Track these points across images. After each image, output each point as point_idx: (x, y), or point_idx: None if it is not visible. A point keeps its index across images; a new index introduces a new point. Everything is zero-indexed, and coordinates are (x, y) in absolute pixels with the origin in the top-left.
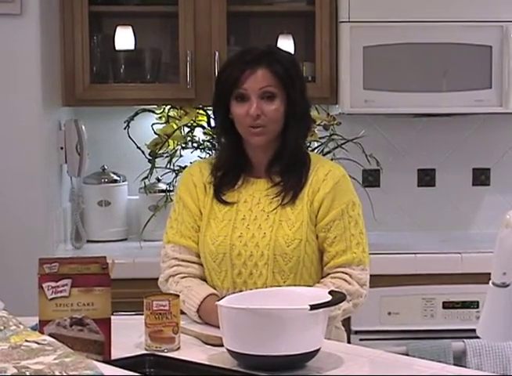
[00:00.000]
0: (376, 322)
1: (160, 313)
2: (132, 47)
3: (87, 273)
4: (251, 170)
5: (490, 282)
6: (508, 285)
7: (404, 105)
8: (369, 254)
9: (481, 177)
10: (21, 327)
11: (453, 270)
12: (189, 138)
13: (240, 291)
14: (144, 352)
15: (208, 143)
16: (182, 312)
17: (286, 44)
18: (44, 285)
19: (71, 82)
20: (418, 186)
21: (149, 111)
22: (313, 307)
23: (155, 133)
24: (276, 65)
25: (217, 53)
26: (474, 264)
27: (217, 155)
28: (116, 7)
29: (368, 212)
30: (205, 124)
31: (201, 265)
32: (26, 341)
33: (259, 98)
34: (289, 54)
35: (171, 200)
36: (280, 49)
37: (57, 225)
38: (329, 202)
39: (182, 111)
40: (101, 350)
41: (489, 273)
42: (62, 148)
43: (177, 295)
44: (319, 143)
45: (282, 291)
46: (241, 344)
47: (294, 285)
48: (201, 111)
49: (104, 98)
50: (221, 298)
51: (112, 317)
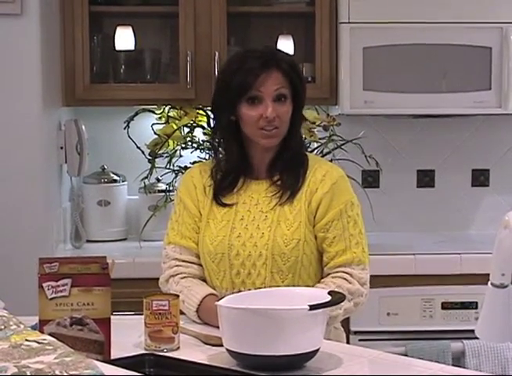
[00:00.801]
0: (375, 322)
1: (160, 313)
2: (132, 47)
3: (87, 273)
4: (252, 172)
5: (489, 283)
6: (507, 286)
7: (403, 106)
8: (368, 253)
9: (481, 178)
10: (21, 327)
11: (452, 271)
12: (189, 138)
13: (239, 291)
14: (144, 352)
15: (208, 144)
16: (182, 312)
17: (286, 44)
18: (44, 285)
19: (71, 82)
20: (417, 187)
21: (149, 111)
22: (312, 307)
23: (155, 133)
24: (285, 65)
25: (217, 54)
26: (473, 265)
27: (215, 157)
28: (116, 7)
29: (367, 213)
30: (205, 124)
31: (201, 265)
32: (26, 340)
33: (272, 100)
34: (290, 56)
35: (171, 200)
36: (280, 50)
37: (57, 224)
38: (327, 202)
39: (182, 111)
40: (101, 350)
41: (488, 274)
42: (62, 148)
43: (176, 295)
44: (319, 144)
45: (281, 291)
46: (241, 344)
47: (293, 285)
48: (201, 111)
49: (104, 98)
50: (220, 298)
51: (112, 317)
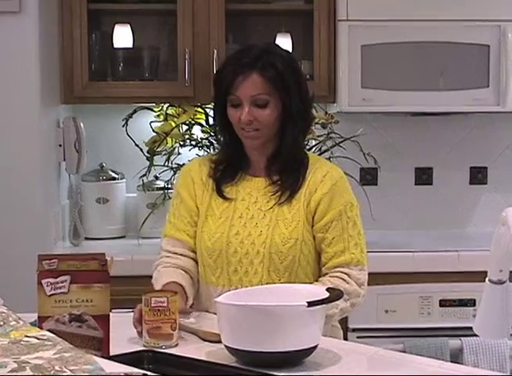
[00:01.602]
0: (373, 320)
1: (159, 310)
2: (131, 45)
3: (86, 270)
4: (249, 168)
5: (487, 279)
6: (504, 282)
7: (402, 103)
8: (367, 254)
9: (479, 176)
10: (21, 323)
11: (450, 268)
12: (187, 136)
13: (236, 289)
14: (142, 349)
15: (206, 141)
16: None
17: (284, 42)
18: (43, 281)
19: (70, 80)
20: (415, 185)
21: (147, 109)
22: (311, 304)
23: (153, 131)
24: (270, 70)
25: (215, 51)
26: (471, 262)
27: (218, 151)
28: (114, 5)
29: (365, 211)
30: (203, 122)
31: (191, 258)
32: (26, 336)
33: (251, 104)
34: (286, 53)
35: (169, 197)
36: (278, 48)
37: (55, 222)
38: (327, 203)
39: (181, 109)
40: (100, 346)
41: (486, 271)
42: (60, 145)
43: (175, 292)
44: (317, 142)
45: (280, 288)
46: (239, 340)
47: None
48: (199, 109)
49: (102, 95)
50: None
51: (111, 314)
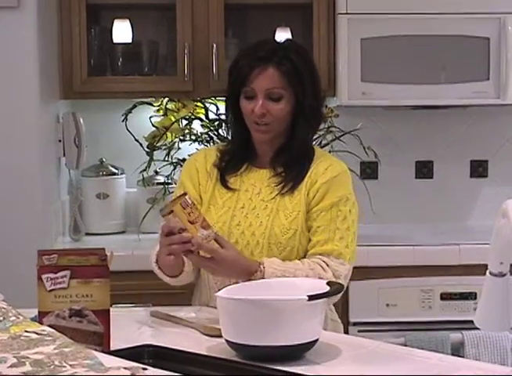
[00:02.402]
0: (374, 314)
1: (194, 204)
2: (130, 40)
3: (86, 265)
4: (256, 160)
5: (487, 272)
6: (505, 275)
7: (402, 97)
8: (354, 252)
9: (479, 169)
10: (21, 318)
11: (451, 262)
12: (187, 130)
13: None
14: (143, 344)
15: (206, 136)
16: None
17: (284, 36)
18: (43, 276)
19: (69, 75)
20: (416, 178)
21: (146, 104)
22: (311, 297)
23: (153, 126)
24: (286, 64)
25: (214, 46)
26: (472, 255)
27: (227, 142)
28: (113, 0)
29: (366, 204)
30: (203, 116)
31: None
32: (25, 331)
33: (265, 97)
34: (303, 49)
35: (170, 192)
36: (295, 44)
37: (55, 217)
38: (322, 193)
39: (180, 104)
40: (100, 341)
41: (487, 265)
42: (60, 141)
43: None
44: (317, 135)
45: (280, 282)
46: (240, 335)
47: None
48: (199, 104)
49: (102, 90)
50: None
51: (111, 309)
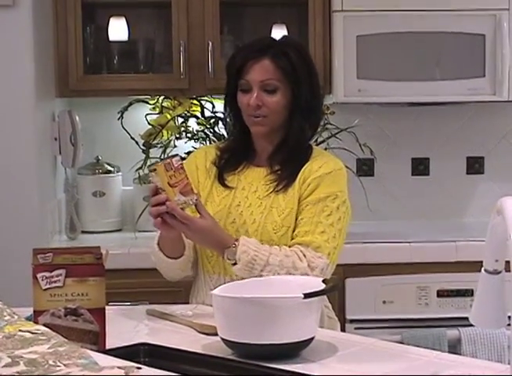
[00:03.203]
0: (371, 311)
1: (181, 167)
2: (126, 37)
3: (81, 264)
4: (254, 158)
5: (482, 269)
6: (500, 272)
7: (397, 94)
8: (336, 249)
9: (475, 165)
10: (15, 317)
11: (448, 259)
12: (183, 128)
13: (231, 278)
14: (139, 342)
15: (202, 133)
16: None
17: (279, 33)
18: (38, 275)
19: (65, 73)
20: (412, 175)
21: (142, 102)
22: (307, 295)
23: (149, 124)
24: (282, 58)
25: (210, 43)
26: (469, 252)
27: (226, 139)
28: None
29: (362, 201)
30: (199, 114)
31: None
32: (20, 330)
33: (261, 89)
34: (301, 45)
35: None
36: (293, 40)
37: (52, 216)
38: (312, 188)
39: (176, 101)
40: (96, 340)
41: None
42: (56, 139)
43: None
44: None
45: (276, 280)
46: (235, 333)
47: None
48: (195, 101)
49: (98, 88)
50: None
51: (106, 307)
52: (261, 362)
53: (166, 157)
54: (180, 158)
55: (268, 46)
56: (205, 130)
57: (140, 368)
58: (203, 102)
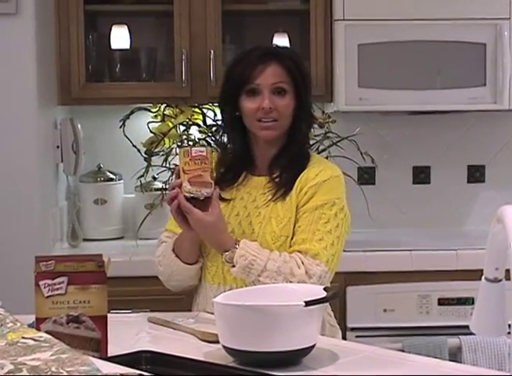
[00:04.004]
0: (371, 319)
1: (199, 159)
2: (128, 46)
3: (83, 271)
4: (254, 168)
5: (483, 277)
6: (500, 280)
7: (399, 103)
8: (335, 256)
9: (476, 174)
10: (18, 325)
11: (448, 267)
12: (185, 136)
13: (230, 288)
14: (140, 350)
15: (204, 141)
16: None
17: (281, 42)
18: (40, 283)
19: (67, 81)
20: (413, 184)
21: (144, 110)
22: (308, 303)
23: (151, 132)
24: (288, 61)
25: (212, 52)
26: (469, 261)
27: (222, 151)
28: (111, 6)
29: (363, 210)
30: (200, 122)
31: None
32: (22, 337)
33: (271, 92)
34: (296, 55)
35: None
36: (288, 49)
37: (53, 223)
38: (309, 196)
39: (178, 110)
40: (97, 347)
41: None
42: (58, 147)
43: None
44: (314, 141)
45: (277, 288)
46: (237, 340)
47: None
48: (196, 110)
49: (100, 97)
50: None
51: (108, 315)
52: (263, 369)
53: (192, 144)
54: (207, 150)
55: (272, 51)
56: (207, 138)
57: (143, 375)
58: (204, 110)
